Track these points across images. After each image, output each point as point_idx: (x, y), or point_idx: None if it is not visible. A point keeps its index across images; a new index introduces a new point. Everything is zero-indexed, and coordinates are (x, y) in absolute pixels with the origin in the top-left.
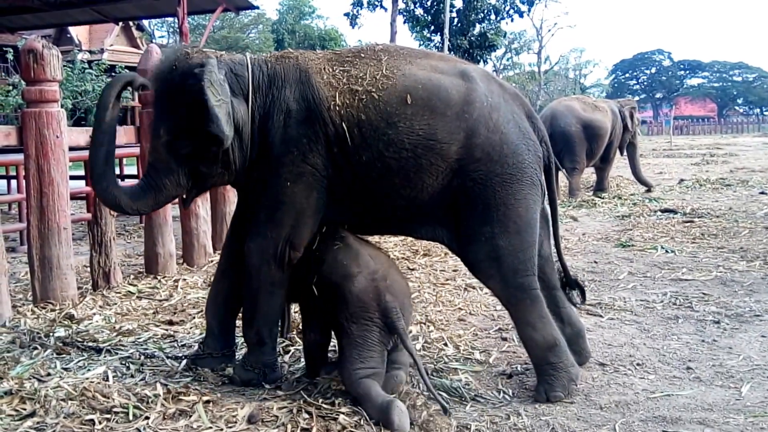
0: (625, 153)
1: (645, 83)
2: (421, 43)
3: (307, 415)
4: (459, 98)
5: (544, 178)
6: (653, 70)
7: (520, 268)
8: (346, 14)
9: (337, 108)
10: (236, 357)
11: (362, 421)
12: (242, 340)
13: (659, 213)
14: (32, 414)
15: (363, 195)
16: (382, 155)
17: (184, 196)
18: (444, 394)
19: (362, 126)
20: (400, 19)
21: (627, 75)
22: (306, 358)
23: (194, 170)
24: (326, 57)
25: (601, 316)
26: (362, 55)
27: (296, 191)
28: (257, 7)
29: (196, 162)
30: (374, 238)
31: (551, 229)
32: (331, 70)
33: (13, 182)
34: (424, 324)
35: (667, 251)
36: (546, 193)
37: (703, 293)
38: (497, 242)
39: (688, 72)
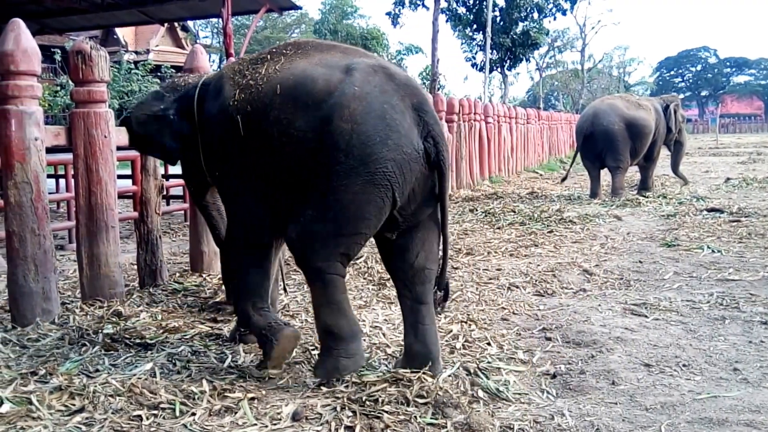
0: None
1: (690, 81)
2: (463, 41)
3: (350, 413)
4: (323, 88)
5: (436, 174)
6: (699, 68)
7: (323, 253)
8: (388, 13)
9: (236, 103)
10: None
11: (407, 419)
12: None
13: (705, 212)
14: (81, 410)
15: (273, 187)
16: (263, 145)
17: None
18: (486, 394)
19: (249, 117)
20: (442, 17)
21: (672, 73)
22: None
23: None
24: (253, 57)
25: (646, 316)
26: (281, 51)
27: (238, 187)
28: (300, 8)
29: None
30: None
31: (439, 228)
32: (245, 68)
33: (62, 181)
34: (466, 323)
35: (713, 251)
36: (404, 192)
37: (751, 294)
38: (312, 226)
39: (734, 69)
